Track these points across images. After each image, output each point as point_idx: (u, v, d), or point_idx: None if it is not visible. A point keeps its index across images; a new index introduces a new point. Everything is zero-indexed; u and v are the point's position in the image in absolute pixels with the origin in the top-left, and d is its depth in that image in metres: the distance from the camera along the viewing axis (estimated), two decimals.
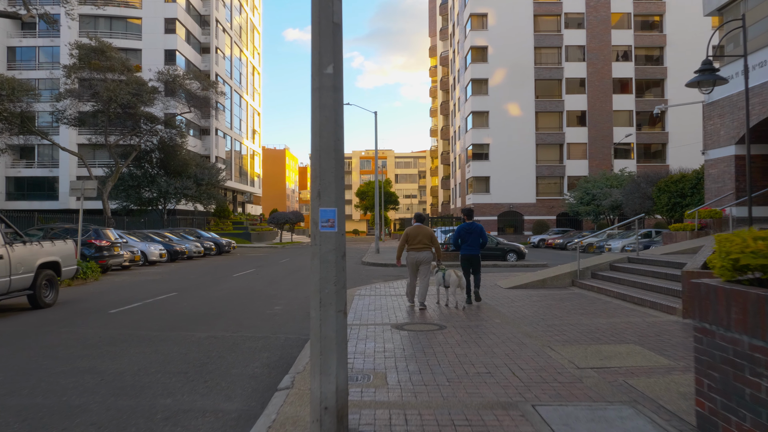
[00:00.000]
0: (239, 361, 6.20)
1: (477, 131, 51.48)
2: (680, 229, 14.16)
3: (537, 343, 6.45)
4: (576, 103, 51.72)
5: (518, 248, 24.61)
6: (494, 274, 16.47)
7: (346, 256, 25.46)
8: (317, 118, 3.45)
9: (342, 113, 3.50)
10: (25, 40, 49.93)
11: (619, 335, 6.86)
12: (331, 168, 3.42)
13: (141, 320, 8.98)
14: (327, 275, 3.39)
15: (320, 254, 3.41)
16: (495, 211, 51.14)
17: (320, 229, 3.41)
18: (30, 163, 50.20)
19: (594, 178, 45.14)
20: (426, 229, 9.20)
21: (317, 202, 3.43)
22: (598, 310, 8.92)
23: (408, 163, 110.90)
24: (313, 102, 3.48)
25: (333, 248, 3.41)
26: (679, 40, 51.55)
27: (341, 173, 3.47)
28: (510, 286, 12.24)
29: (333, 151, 3.43)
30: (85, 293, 12.83)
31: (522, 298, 10.48)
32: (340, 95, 3.49)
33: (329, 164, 3.42)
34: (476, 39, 51.64)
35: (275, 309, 10.35)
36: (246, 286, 14.43)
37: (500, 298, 10.65)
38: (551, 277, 12.25)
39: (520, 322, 7.92)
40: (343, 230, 3.48)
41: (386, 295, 11.22)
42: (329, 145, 3.42)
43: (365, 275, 18.04)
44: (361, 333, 7.19)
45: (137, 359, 6.27)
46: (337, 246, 3.42)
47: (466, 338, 6.77)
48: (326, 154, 3.42)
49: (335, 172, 3.43)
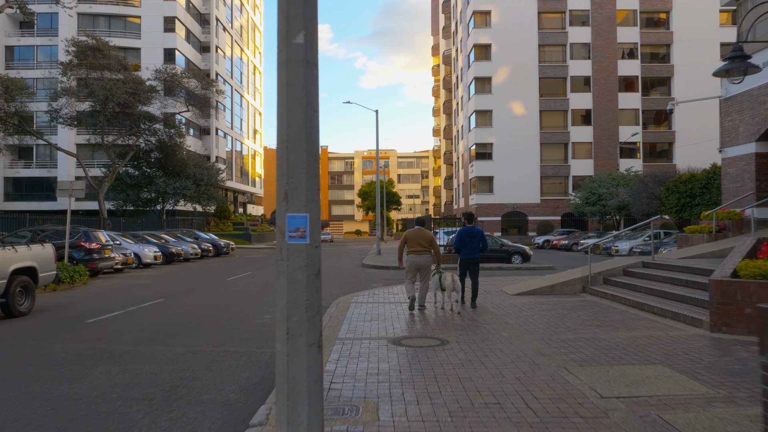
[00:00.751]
0: (215, 384, 5.49)
1: (480, 130, 50.69)
2: (696, 231, 13.39)
3: (551, 363, 5.71)
4: (581, 101, 50.88)
5: (523, 250, 23.84)
6: (499, 278, 15.72)
7: (347, 256, 24.92)
8: (284, 99, 2.73)
9: (316, 94, 2.78)
10: (24, 39, 49.41)
11: (642, 353, 6.11)
12: (301, 163, 2.70)
13: (117, 332, 8.27)
14: (296, 299, 2.68)
15: (287, 272, 2.69)
16: (499, 211, 50.33)
17: (287, 240, 2.69)
18: (28, 163, 49.67)
19: (600, 177, 44.31)
20: (426, 233, 9.24)
21: (284, 205, 2.71)
22: (614, 321, 8.17)
23: (411, 163, 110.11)
24: (280, 80, 2.76)
25: (303, 264, 2.69)
26: (687, 37, 50.66)
27: (315, 169, 2.75)
28: (517, 293, 11.50)
29: (304, 141, 2.71)
30: (67, 299, 12.14)
31: (530, 307, 9.74)
32: (314, 71, 2.77)
33: (299, 158, 2.70)
34: (479, 37, 50.85)
35: (265, 318, 9.64)
36: (239, 291, 13.73)
37: (507, 306, 9.91)
38: (561, 283, 11.50)
39: (530, 335, 7.18)
40: (318, 241, 2.76)
41: (385, 303, 10.50)
42: (299, 135, 2.70)
43: (365, 279, 17.32)
44: (354, 349, 6.46)
45: (100, 382, 5.56)
46: (309, 262, 2.70)
47: (471, 356, 6.04)
48: (295, 146, 2.70)
49: (307, 169, 2.71)
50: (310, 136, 2.72)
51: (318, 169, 2.78)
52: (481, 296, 11.22)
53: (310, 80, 2.74)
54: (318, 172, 2.78)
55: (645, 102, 51.18)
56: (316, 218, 2.73)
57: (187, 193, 37.24)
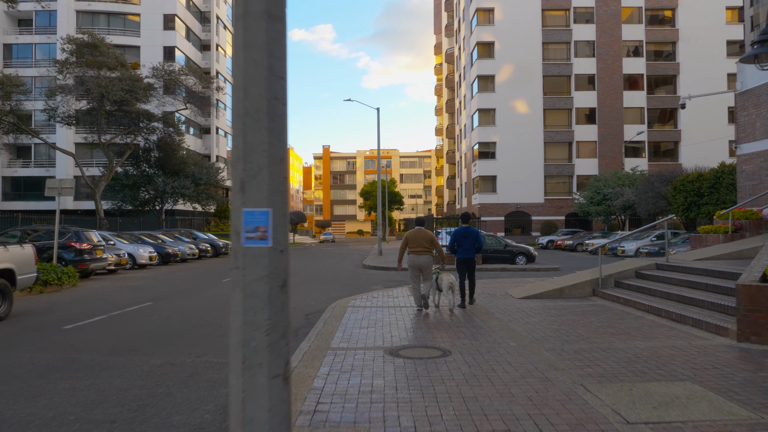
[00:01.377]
0: (189, 402, 4.90)
1: (483, 129, 50.05)
2: (711, 231, 12.76)
3: (565, 378, 5.11)
4: (585, 100, 50.19)
5: (528, 251, 23.22)
6: (504, 280, 15.11)
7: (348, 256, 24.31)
8: (240, 63, 2.14)
9: (282, 57, 2.19)
10: (22, 36, 48.95)
11: (665, 366, 5.50)
12: (261, 144, 2.11)
13: (94, 340, 7.70)
14: (255, 319, 2.08)
15: (244, 284, 2.10)
16: (502, 211, 49.68)
17: (243, 243, 2.10)
18: (27, 162, 49.24)
19: (605, 177, 43.65)
20: (426, 233, 9.24)
21: (239, 198, 2.12)
22: (630, 328, 7.56)
23: (413, 163, 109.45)
24: (236, 39, 2.17)
25: (264, 274, 2.10)
26: (692, 34, 49.94)
27: (281, 152, 2.16)
28: (523, 296, 10.88)
29: (265, 116, 2.12)
30: (51, 303, 11.57)
31: (538, 312, 9.13)
32: (280, 28, 2.18)
33: (259, 137, 2.11)
34: (482, 34, 50.21)
35: None
36: None
37: (513, 311, 9.30)
38: (570, 286, 10.88)
39: (539, 345, 6.57)
40: (284, 243, 2.16)
41: (384, 307, 9.90)
42: (259, 107, 2.11)
43: (364, 281, 16.73)
44: (347, 362, 5.87)
45: (60, 400, 4.97)
46: (271, 270, 2.11)
47: (475, 370, 5.44)
48: (254, 122, 2.11)
49: (269, 151, 2.12)
50: (273, 109, 2.13)
51: (285, 153, 2.18)
52: (485, 300, 10.63)
53: (273, 38, 2.14)
54: (285, 156, 2.18)
55: (650, 100, 50.47)
56: (282, 214, 2.14)
57: (186, 193, 36.69)
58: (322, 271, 20.73)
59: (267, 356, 2.08)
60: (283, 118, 2.17)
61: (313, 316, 9.85)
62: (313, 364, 5.77)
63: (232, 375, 2.12)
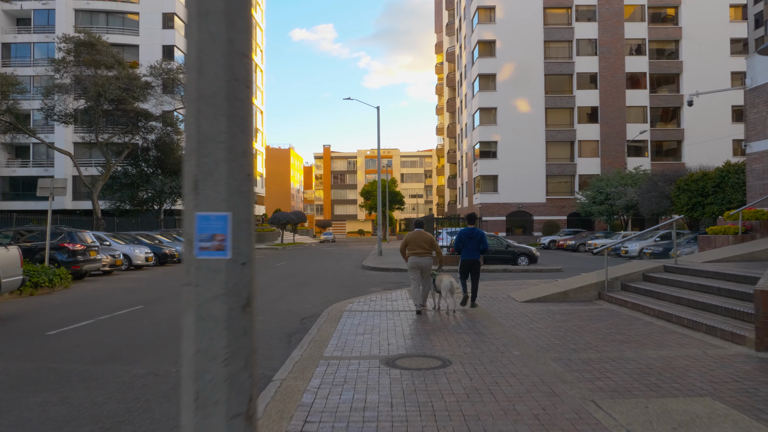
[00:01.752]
0: (168, 419, 4.53)
1: (484, 128, 49.64)
2: (720, 232, 12.37)
3: (574, 393, 4.73)
4: (587, 98, 49.76)
5: (530, 251, 22.84)
6: (506, 281, 14.72)
7: (348, 257, 23.84)
8: (194, 36, 1.78)
9: (246, 30, 1.82)
10: (20, 36, 48.64)
11: (681, 378, 5.13)
12: (219, 134, 1.74)
13: (77, 346, 7.34)
14: (210, 347, 1.72)
15: (197, 303, 1.73)
16: (503, 211, 49.27)
17: (197, 255, 1.73)
18: (25, 162, 48.94)
19: (607, 176, 43.24)
20: (426, 235, 9.28)
21: (192, 199, 1.75)
22: (640, 335, 7.18)
23: (414, 162, 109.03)
24: (189, 6, 1.80)
25: (222, 292, 1.73)
26: (696, 32, 49.48)
27: (243, 145, 1.79)
28: (526, 300, 10.51)
29: (224, 100, 1.75)
30: (39, 306, 11.22)
31: (542, 317, 8.75)
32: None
33: (216, 126, 1.74)
34: (484, 33, 49.80)
35: None
36: None
37: (516, 315, 8.92)
38: (574, 289, 10.50)
39: (545, 354, 6.20)
40: (248, 255, 1.79)
41: (382, 311, 9.53)
42: (216, 90, 1.74)
43: (363, 282, 16.35)
44: (340, 373, 5.50)
45: (30, 416, 4.61)
46: (230, 287, 1.74)
47: (477, 383, 5.07)
48: (210, 107, 1.74)
49: (228, 143, 1.75)
50: (234, 92, 1.76)
51: (249, 145, 1.81)
52: (487, 304, 10.26)
53: (235, 7, 1.77)
54: (249, 149, 1.81)
55: (653, 99, 50.01)
56: (245, 219, 1.77)
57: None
58: (320, 272, 20.37)
59: (225, 392, 1.71)
60: (246, 104, 1.80)
61: (308, 320, 9.49)
62: (303, 375, 5.40)
63: (183, 414, 1.75)
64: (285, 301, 12.06)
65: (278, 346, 7.36)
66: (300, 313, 10.37)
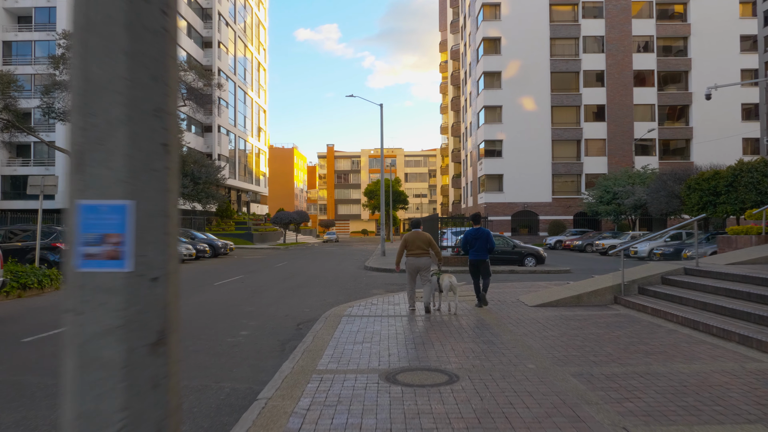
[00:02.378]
0: None
1: (489, 127, 48.95)
2: (742, 232, 11.71)
3: (602, 417, 4.11)
4: (594, 96, 49.00)
5: (537, 252, 22.17)
6: (513, 284, 14.09)
7: (351, 257, 23.10)
8: None
9: None
10: (21, 34, 48.24)
11: (723, 400, 4.49)
12: (116, 79, 1.12)
13: (50, 356, 6.75)
14: (98, 409, 1.10)
15: (79, 341, 1.11)
16: (509, 210, 48.57)
17: (78, 266, 1.11)
18: (26, 161, 48.54)
19: (615, 175, 42.53)
20: (424, 235, 9.25)
21: (75, 181, 1.14)
22: (666, 345, 6.54)
23: (418, 162, 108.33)
24: None
25: (117, 324, 1.11)
26: (705, 29, 48.67)
27: (156, 99, 1.18)
28: (537, 304, 9.87)
29: (123, 29, 1.13)
30: (24, 309, 10.66)
31: (556, 324, 8.12)
32: None
33: (111, 70, 1.12)
34: (489, 30, 49.11)
35: (241, 334, 8.12)
36: (221, 299, 12.20)
37: (527, 322, 8.29)
38: (588, 293, 9.86)
39: (563, 368, 5.57)
40: (161, 267, 1.18)
41: (383, 316, 8.92)
42: (111, 13, 1.13)
43: (365, 284, 15.75)
44: (333, 390, 4.89)
45: None
46: (129, 318, 1.12)
47: (489, 404, 4.45)
48: (102, 40, 1.13)
49: (130, 95, 1.13)
50: (140, 18, 1.14)
51: (167, 102, 1.20)
52: (496, 308, 9.64)
53: None
54: (167, 107, 1.20)
55: (661, 97, 49.21)
56: (159, 212, 1.16)
57: (185, 192, 35.81)
58: (321, 272, 19.78)
59: None
60: (162, 39, 1.19)
61: (305, 325, 8.90)
62: (292, 393, 4.80)
63: None
64: (282, 304, 11.47)
65: (270, 355, 6.77)
66: (297, 317, 9.79)
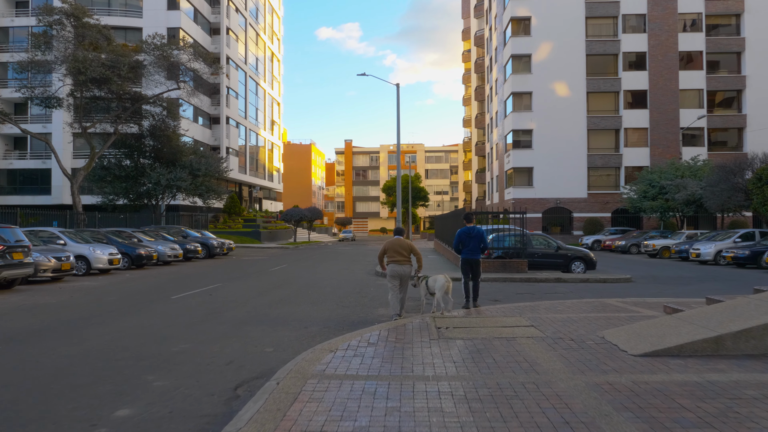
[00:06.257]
0: None
1: (518, 115, 44.64)
2: None
3: None
4: (635, 81, 44.27)
5: (586, 254, 18.08)
6: (572, 301, 10.05)
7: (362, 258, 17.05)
8: None
9: None
10: (18, 19, 45.59)
11: None
12: None
13: None
14: None
15: None
16: (539, 207, 44.24)
17: None
18: (23, 154, 45.91)
19: (660, 168, 37.95)
20: (405, 242, 8.91)
21: None
22: None
23: (439, 158, 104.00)
24: None
25: None
26: (760, 5, 43.61)
27: None
28: (644, 353, 5.88)
29: None
30: None
31: (710, 408, 4.14)
32: None
33: None
34: (517, 9, 44.77)
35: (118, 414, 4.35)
36: (152, 328, 8.46)
37: (649, 399, 4.32)
38: (734, 334, 5.82)
39: None
40: None
41: (382, 378, 5.05)
42: None
43: (370, 298, 11.90)
44: None
45: None
46: None
47: None
48: None
49: None
50: None
51: None
52: (575, 356, 5.69)
53: None
54: None
55: (710, 81, 44.25)
56: None
57: (182, 185, 32.34)
58: (319, 280, 15.99)
59: None
60: None
61: (248, 388, 5.14)
62: None
63: None
64: (237, 337, 7.70)
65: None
66: (244, 366, 6.03)
